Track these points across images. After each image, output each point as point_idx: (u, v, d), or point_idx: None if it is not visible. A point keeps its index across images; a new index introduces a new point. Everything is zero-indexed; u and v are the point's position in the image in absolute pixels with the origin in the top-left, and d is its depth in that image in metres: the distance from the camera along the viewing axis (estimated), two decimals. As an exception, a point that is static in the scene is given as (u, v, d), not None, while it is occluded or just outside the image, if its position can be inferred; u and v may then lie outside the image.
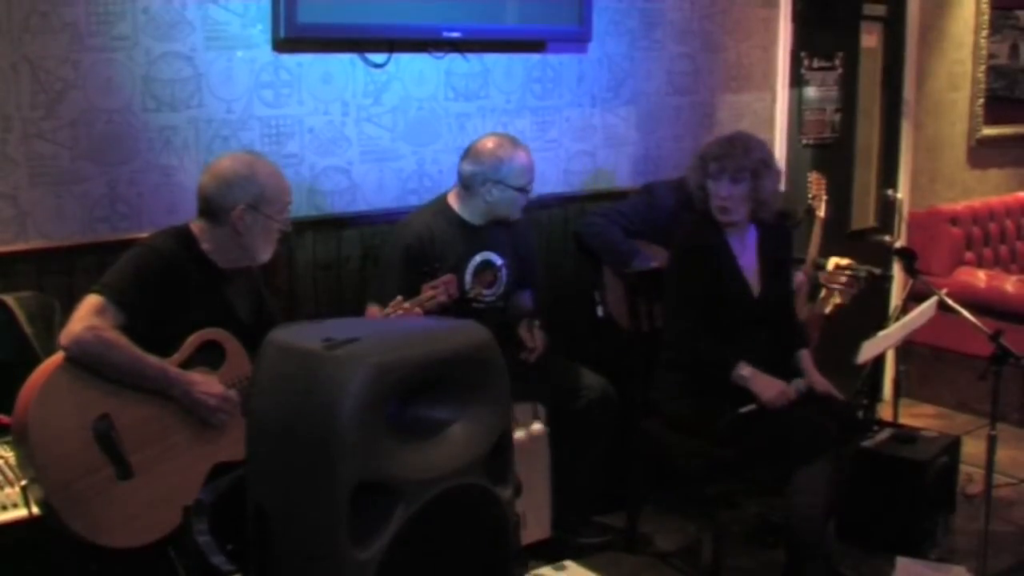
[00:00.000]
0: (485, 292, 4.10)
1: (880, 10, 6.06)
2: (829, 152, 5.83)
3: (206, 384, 3.13)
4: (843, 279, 4.63)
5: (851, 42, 5.94)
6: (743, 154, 3.92)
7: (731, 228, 4.00)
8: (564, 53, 4.73)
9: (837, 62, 5.81)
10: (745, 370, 3.85)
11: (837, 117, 5.88)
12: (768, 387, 3.84)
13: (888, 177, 6.24)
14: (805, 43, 5.62)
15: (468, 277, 4.06)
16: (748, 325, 3.95)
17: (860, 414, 4.76)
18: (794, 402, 3.85)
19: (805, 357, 4.09)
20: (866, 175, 6.15)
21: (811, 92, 5.71)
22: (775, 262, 4.11)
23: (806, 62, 5.64)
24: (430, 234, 4.02)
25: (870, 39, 6.02)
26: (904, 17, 6.18)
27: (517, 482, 2.82)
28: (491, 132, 4.24)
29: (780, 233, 4.16)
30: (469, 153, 4.08)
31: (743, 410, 3.82)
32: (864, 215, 6.17)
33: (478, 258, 4.12)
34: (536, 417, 4.14)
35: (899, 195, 6.00)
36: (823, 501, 3.74)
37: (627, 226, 4.61)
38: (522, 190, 4.08)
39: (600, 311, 4.65)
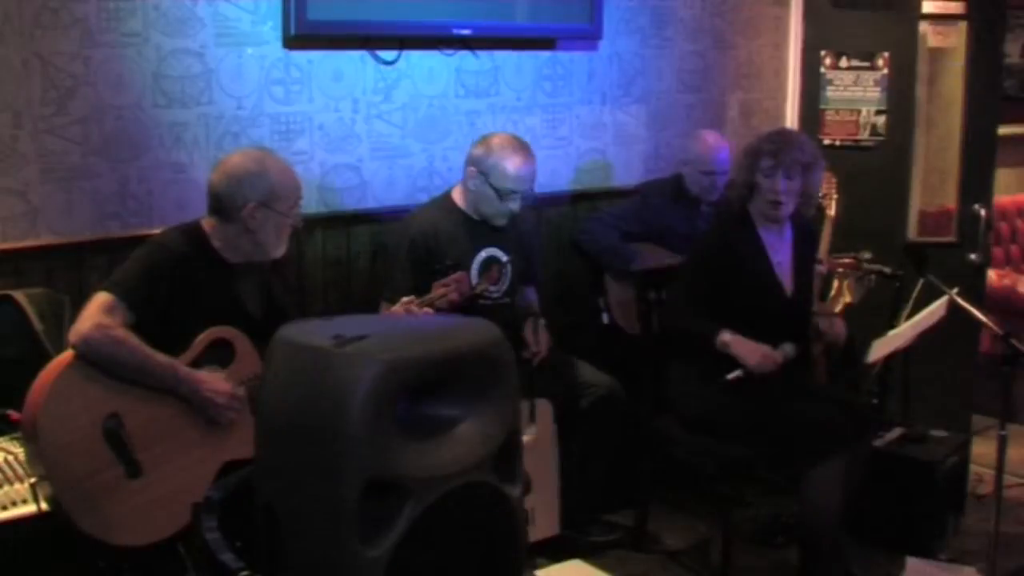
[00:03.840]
0: (491, 288, 4.08)
1: (957, 7, 5.38)
2: (869, 155, 5.42)
3: (214, 382, 3.13)
4: (846, 261, 4.59)
5: (905, 42, 5.40)
6: (797, 149, 3.89)
7: (769, 225, 3.98)
8: (575, 51, 4.72)
9: (880, 62, 5.57)
10: (726, 336, 3.81)
11: (881, 119, 5.48)
12: (751, 352, 3.81)
13: (976, 189, 5.39)
14: (829, 42, 5.49)
15: (474, 273, 4.05)
16: (779, 323, 3.92)
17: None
18: (792, 384, 3.84)
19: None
20: (942, 186, 5.45)
21: (835, 92, 5.57)
22: (806, 260, 4.12)
23: (828, 61, 5.54)
24: (434, 230, 4.01)
25: (943, 39, 5.42)
26: (1002, 14, 5.51)
27: (526, 480, 2.81)
28: (508, 132, 4.21)
29: (810, 231, 4.16)
30: (477, 141, 4.08)
31: (730, 376, 3.80)
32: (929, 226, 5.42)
33: (483, 254, 4.11)
34: (531, 420, 4.11)
35: (983, 212, 5.23)
36: (837, 499, 3.73)
37: (624, 228, 4.64)
38: (500, 192, 4.02)
39: (605, 318, 4.66)
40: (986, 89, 5.39)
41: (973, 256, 5.19)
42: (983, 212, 5.22)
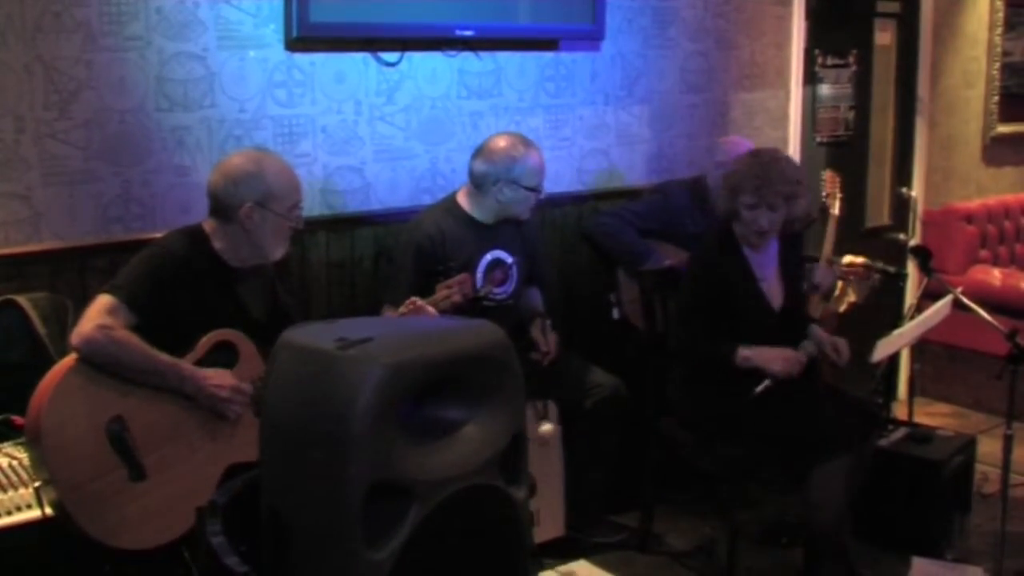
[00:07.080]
0: (496, 290, 4.08)
1: (894, 7, 6.03)
2: (843, 150, 5.82)
3: (218, 377, 3.12)
4: (858, 264, 4.60)
5: (865, 39, 5.91)
6: (779, 181, 3.83)
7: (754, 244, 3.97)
8: (577, 51, 4.72)
9: (851, 59, 5.79)
10: (746, 351, 3.80)
11: (851, 115, 5.86)
12: (774, 358, 3.79)
13: (902, 175, 6.23)
14: (819, 41, 5.61)
15: (479, 275, 4.05)
16: (771, 337, 3.90)
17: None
18: (815, 392, 3.82)
19: (814, 329, 4.05)
20: (880, 173, 6.13)
21: (825, 90, 5.69)
22: (794, 268, 4.11)
23: (820, 60, 5.63)
24: (440, 233, 4.01)
25: (884, 36, 5.99)
26: (918, 14, 6.16)
27: (531, 481, 2.81)
28: (503, 131, 4.23)
29: (795, 236, 4.14)
30: (481, 152, 4.07)
31: (758, 389, 3.77)
32: (879, 213, 6.17)
33: (489, 256, 4.11)
34: (541, 418, 4.12)
35: (913, 193, 5.91)
36: (843, 497, 3.73)
37: (640, 226, 4.61)
38: (534, 190, 4.07)
39: (616, 313, 4.65)
40: (906, 81, 6.20)
41: (902, 236, 5.58)
42: (910, 193, 5.73)
